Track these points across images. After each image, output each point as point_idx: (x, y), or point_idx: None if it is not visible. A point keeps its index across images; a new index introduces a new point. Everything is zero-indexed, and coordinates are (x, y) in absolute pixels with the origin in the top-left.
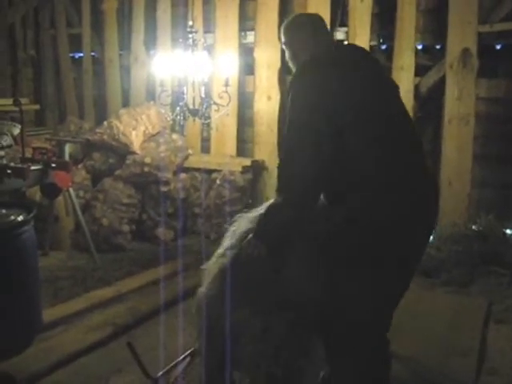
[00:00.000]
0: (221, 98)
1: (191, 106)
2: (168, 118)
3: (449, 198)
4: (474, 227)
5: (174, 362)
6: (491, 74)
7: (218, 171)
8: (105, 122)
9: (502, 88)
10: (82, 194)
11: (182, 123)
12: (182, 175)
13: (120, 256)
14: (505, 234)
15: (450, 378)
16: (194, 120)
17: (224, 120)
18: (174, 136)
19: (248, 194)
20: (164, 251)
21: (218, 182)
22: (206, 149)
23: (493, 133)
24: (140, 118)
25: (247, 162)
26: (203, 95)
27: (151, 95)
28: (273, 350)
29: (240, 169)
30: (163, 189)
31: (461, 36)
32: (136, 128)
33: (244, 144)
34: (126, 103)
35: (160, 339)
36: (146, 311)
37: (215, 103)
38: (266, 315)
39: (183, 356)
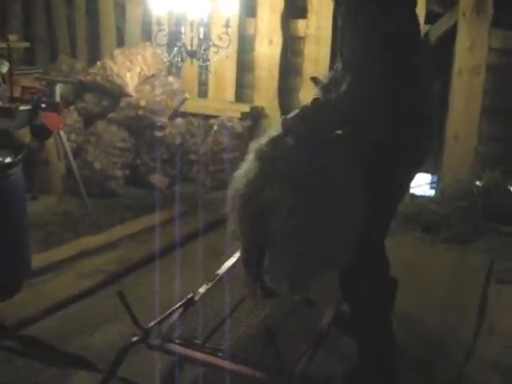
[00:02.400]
0: (220, 39)
1: (189, 47)
2: (164, 60)
3: (454, 152)
4: (478, 183)
5: (167, 312)
6: (506, 25)
7: (216, 117)
8: (98, 63)
9: None
10: (73, 137)
11: (179, 65)
12: (178, 120)
13: (112, 202)
14: (510, 191)
15: (449, 336)
16: (192, 62)
17: (223, 63)
18: (171, 79)
19: (246, 142)
20: (158, 198)
21: (215, 128)
22: (203, 93)
23: (504, 86)
24: (135, 59)
25: (246, 108)
26: (202, 36)
27: (147, 35)
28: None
29: (238, 115)
30: (158, 134)
31: None
32: (131, 69)
33: (243, 89)
34: (120, 43)
35: (153, 288)
36: (138, 259)
37: (214, 45)
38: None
39: (177, 305)
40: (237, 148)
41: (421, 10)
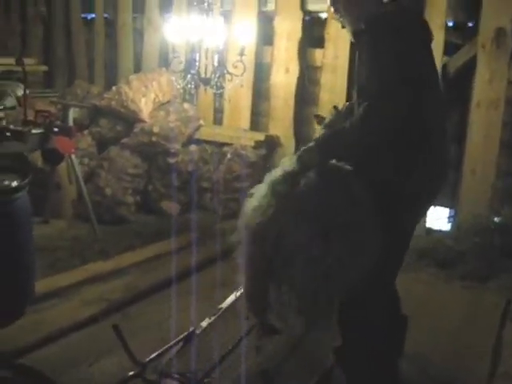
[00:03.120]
0: (235, 67)
1: (203, 75)
2: (178, 86)
3: (471, 187)
4: (496, 219)
5: (165, 346)
6: None
7: (230, 145)
8: (113, 87)
9: None
10: (86, 161)
11: (192, 92)
12: (192, 147)
13: (122, 228)
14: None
15: (461, 378)
16: (206, 89)
17: (238, 91)
18: (186, 106)
19: (260, 171)
20: (169, 225)
21: (228, 156)
22: (218, 120)
23: None
24: (150, 85)
25: (261, 136)
26: (216, 63)
27: (164, 61)
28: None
29: (252, 143)
30: (171, 160)
31: (496, 14)
32: (146, 95)
33: (258, 118)
34: (137, 69)
35: (157, 319)
36: (143, 288)
37: (228, 72)
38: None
39: (177, 339)
40: (250, 177)
41: (439, 42)
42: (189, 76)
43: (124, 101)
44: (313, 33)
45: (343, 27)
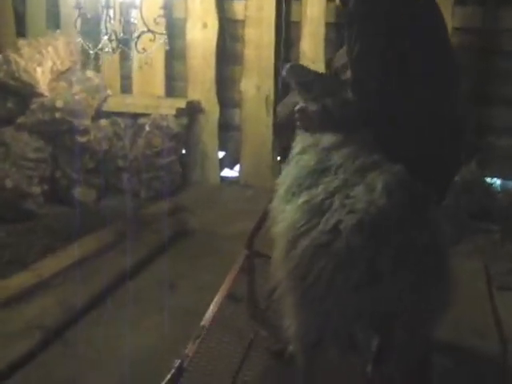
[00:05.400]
0: (157, 23)
1: (121, 34)
2: (91, 52)
3: None
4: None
5: None
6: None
7: (146, 115)
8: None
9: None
10: None
11: (109, 56)
12: (103, 121)
13: (32, 226)
14: (489, 184)
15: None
16: (114, 52)
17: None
18: (89, 73)
19: (183, 142)
20: (87, 216)
21: (147, 128)
22: (126, 88)
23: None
24: (45, 51)
25: (181, 103)
26: (134, 20)
27: (54, 21)
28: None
29: (173, 112)
30: (81, 139)
31: None
32: (41, 63)
33: (174, 82)
34: (21, 32)
35: (109, 344)
36: (80, 305)
37: (150, 31)
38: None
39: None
40: (174, 151)
41: None
42: (105, 37)
43: (15, 71)
44: None
45: None
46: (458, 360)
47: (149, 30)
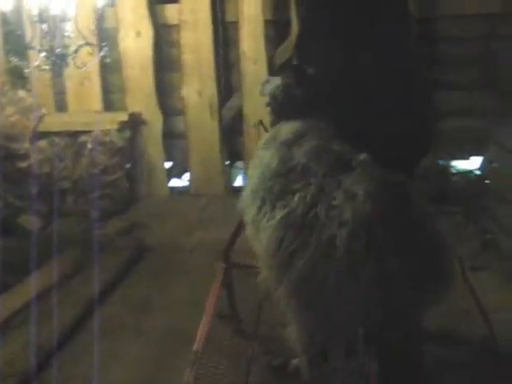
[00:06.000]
0: (94, 35)
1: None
2: (26, 70)
3: None
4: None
5: None
6: None
7: (86, 132)
8: None
9: None
10: None
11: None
12: (42, 143)
13: None
14: (443, 168)
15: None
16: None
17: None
18: (21, 93)
19: (127, 156)
20: (37, 245)
21: (89, 145)
22: (60, 106)
23: None
24: None
25: (123, 116)
26: (71, 34)
27: None
28: None
29: (115, 126)
30: (21, 164)
31: None
32: None
33: (111, 95)
34: None
35: None
36: (50, 343)
37: (89, 43)
38: None
39: None
40: (119, 166)
41: None
42: (43, 53)
43: None
44: None
45: None
46: (450, 347)
47: (87, 43)
